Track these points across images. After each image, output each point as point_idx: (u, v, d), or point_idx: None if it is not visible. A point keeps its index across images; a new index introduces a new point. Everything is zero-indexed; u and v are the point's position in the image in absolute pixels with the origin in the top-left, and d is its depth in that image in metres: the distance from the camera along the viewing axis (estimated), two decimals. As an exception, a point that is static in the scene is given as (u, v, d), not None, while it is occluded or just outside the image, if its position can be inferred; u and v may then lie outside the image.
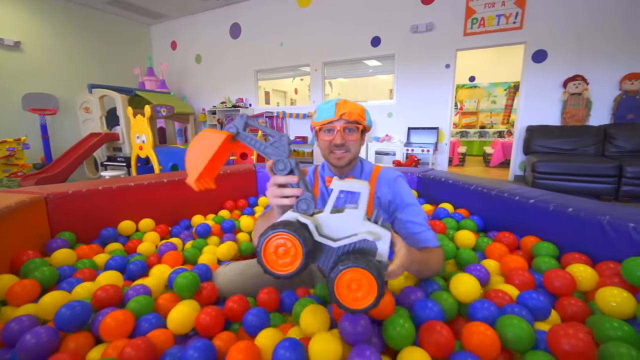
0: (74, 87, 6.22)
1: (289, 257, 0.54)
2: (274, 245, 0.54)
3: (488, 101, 8.06)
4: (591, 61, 3.74)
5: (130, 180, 1.47)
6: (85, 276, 0.98)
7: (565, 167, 3.30)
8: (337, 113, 0.85)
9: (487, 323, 0.66)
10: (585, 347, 0.53)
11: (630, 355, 0.50)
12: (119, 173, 3.70)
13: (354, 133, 0.88)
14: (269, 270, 0.55)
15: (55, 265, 1.02)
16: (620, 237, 0.85)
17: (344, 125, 0.87)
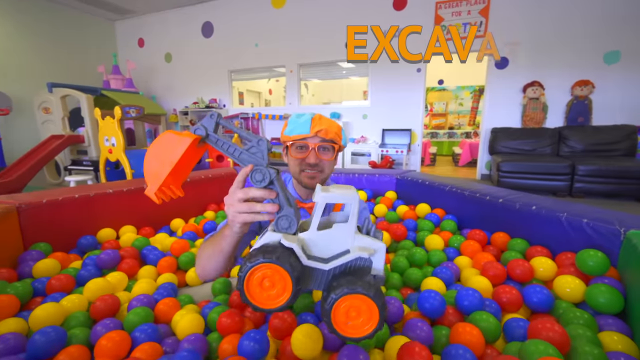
0: (29, 85, 5.77)
1: (275, 289, 0.47)
2: (257, 279, 0.47)
3: (456, 103, 8.48)
4: (546, 69, 4.07)
5: (108, 187, 1.42)
6: (63, 284, 0.95)
7: (526, 167, 3.58)
8: (313, 129, 0.79)
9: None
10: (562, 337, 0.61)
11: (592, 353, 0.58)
12: (86, 178, 3.50)
13: (328, 152, 0.82)
14: (256, 307, 0.48)
15: (37, 277, 0.98)
16: (575, 231, 0.96)
17: (319, 143, 0.80)
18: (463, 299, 0.78)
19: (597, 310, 0.76)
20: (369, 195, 1.80)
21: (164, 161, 0.54)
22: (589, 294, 0.77)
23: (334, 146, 0.83)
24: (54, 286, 0.93)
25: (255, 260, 0.46)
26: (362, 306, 0.46)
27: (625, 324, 0.71)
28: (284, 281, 0.47)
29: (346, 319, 0.46)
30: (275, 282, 0.47)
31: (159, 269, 1.12)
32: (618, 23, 3.70)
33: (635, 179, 3.19)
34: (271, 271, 0.46)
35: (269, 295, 0.47)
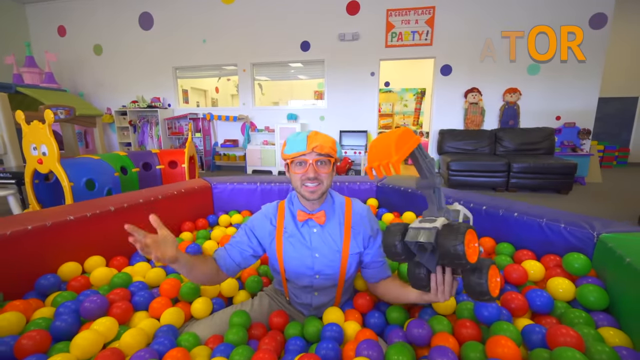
0: None
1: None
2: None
3: (401, 105, 9.03)
4: (483, 77, 4.55)
5: (67, 213, 1.21)
6: (37, 343, 0.78)
7: (471, 165, 3.97)
8: (309, 146, 0.84)
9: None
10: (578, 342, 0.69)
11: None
12: (6, 193, 2.93)
13: (326, 166, 0.88)
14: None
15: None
16: (555, 235, 1.10)
17: (316, 158, 0.85)
18: (483, 309, 0.84)
19: (587, 308, 0.88)
20: (352, 203, 1.83)
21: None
22: (579, 293, 0.89)
23: (330, 159, 0.89)
24: (26, 347, 0.76)
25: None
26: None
27: (612, 317, 0.84)
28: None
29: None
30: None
31: (151, 313, 0.98)
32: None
33: (555, 174, 3.75)
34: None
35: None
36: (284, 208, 0.98)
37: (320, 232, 0.94)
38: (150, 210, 1.50)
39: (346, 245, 0.93)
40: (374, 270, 0.96)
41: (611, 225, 1.03)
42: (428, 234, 0.63)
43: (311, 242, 0.93)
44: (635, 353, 0.69)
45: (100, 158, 3.04)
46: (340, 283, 0.97)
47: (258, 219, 0.99)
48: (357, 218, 0.95)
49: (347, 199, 1.00)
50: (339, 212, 0.96)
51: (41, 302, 1.01)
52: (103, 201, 1.40)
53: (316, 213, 0.92)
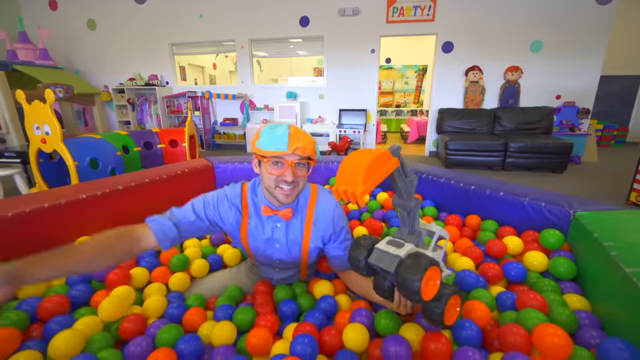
0: None
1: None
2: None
3: (402, 82, 8.90)
4: (484, 55, 4.49)
5: (80, 191, 1.29)
6: (57, 305, 0.88)
7: (469, 145, 4.01)
8: (290, 146, 0.76)
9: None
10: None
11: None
12: (11, 172, 2.99)
13: (304, 168, 0.81)
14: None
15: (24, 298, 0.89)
16: (535, 213, 1.17)
17: (296, 160, 0.78)
18: (462, 279, 0.94)
19: (557, 278, 0.97)
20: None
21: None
22: (551, 265, 0.98)
23: (310, 162, 0.82)
24: (48, 309, 0.86)
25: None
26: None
27: (578, 285, 0.93)
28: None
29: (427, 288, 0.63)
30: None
31: (153, 277, 1.09)
32: (541, 17, 4.20)
33: (551, 153, 3.80)
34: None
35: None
36: (247, 198, 0.92)
37: (283, 227, 0.91)
38: (156, 189, 1.57)
39: (306, 239, 0.92)
40: (338, 261, 0.94)
41: (588, 204, 1.11)
42: (390, 261, 0.63)
43: (273, 235, 0.92)
44: (590, 314, 0.78)
45: (102, 137, 3.08)
46: (302, 268, 1.01)
47: (224, 205, 0.91)
48: (320, 216, 0.91)
49: (313, 190, 0.93)
50: (303, 205, 0.92)
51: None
52: (112, 180, 1.47)
53: (282, 210, 0.88)
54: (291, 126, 0.80)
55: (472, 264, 1.06)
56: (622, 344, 0.62)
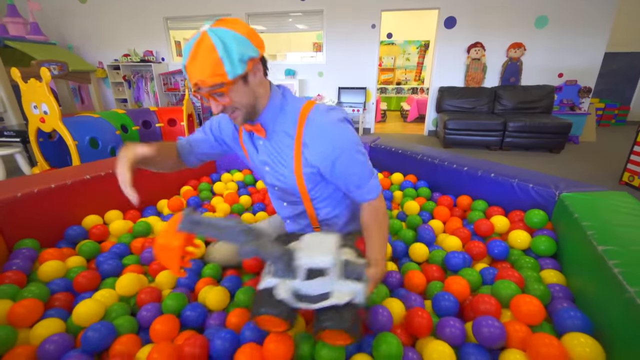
0: None
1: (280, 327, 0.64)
2: (264, 320, 0.63)
3: (403, 58, 8.69)
4: (487, 30, 4.37)
5: (85, 172, 1.33)
6: (89, 280, 0.95)
7: (467, 124, 4.01)
8: (192, 82, 0.65)
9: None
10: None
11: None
12: (12, 152, 3.01)
13: (225, 95, 0.67)
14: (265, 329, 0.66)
15: (45, 279, 0.96)
16: (523, 193, 1.22)
17: (208, 92, 0.66)
18: (451, 258, 1.00)
19: (538, 254, 1.03)
20: (346, 163, 1.94)
21: (169, 261, 0.67)
22: (533, 243, 1.05)
23: (225, 86, 0.65)
24: (82, 284, 0.94)
25: (263, 309, 0.62)
26: (339, 336, 0.62)
27: (557, 262, 1.00)
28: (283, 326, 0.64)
29: (332, 339, 0.63)
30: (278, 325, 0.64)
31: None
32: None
33: (549, 133, 3.81)
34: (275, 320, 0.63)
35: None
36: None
37: (266, 145, 0.82)
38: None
39: (297, 163, 0.79)
40: (347, 192, 0.84)
41: (574, 186, 1.16)
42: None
43: (259, 154, 0.85)
44: (564, 287, 0.85)
45: (101, 116, 3.08)
46: (306, 205, 0.89)
47: (224, 118, 0.88)
48: (312, 144, 0.76)
49: (306, 106, 0.78)
50: (290, 122, 0.78)
51: (72, 249, 1.17)
52: (113, 161, 1.50)
53: (255, 125, 0.78)
54: (191, 49, 0.63)
55: (459, 244, 1.12)
56: (574, 312, 0.69)
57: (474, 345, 0.70)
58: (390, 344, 0.67)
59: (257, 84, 0.71)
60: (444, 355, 0.66)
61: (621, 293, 0.64)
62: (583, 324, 0.68)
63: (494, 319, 0.70)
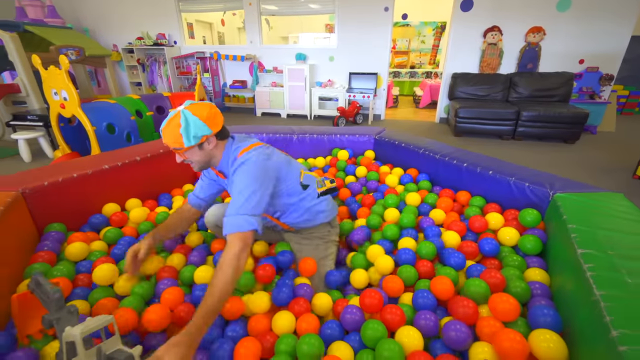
0: None
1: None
2: None
3: (418, 41, 8.42)
4: (506, 13, 4.19)
5: (103, 162, 1.43)
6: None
7: (479, 113, 3.93)
8: (163, 141, 0.95)
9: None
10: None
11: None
12: (36, 135, 3.17)
13: (182, 155, 0.95)
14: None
15: (72, 260, 1.07)
16: (519, 192, 1.26)
17: (172, 149, 0.95)
18: (449, 257, 1.06)
19: (525, 253, 1.08)
20: (350, 154, 1.99)
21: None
22: (520, 242, 1.09)
23: (180, 150, 0.94)
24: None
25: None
26: None
27: (544, 260, 1.05)
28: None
29: None
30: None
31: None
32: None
33: (565, 123, 3.71)
34: None
35: None
36: None
37: (229, 183, 1.05)
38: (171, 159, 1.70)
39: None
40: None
41: (570, 186, 1.18)
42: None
43: (228, 189, 1.10)
44: (543, 285, 0.91)
45: (117, 102, 3.18)
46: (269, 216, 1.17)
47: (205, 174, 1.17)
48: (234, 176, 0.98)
49: (242, 152, 0.99)
50: (233, 169, 1.00)
51: (96, 234, 1.29)
52: (132, 152, 1.60)
53: (219, 172, 1.09)
54: (168, 119, 0.92)
55: (457, 238, 1.18)
56: (547, 310, 0.75)
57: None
58: (375, 330, 0.75)
59: (211, 148, 0.98)
60: (413, 338, 0.74)
61: (589, 295, 0.69)
62: (553, 322, 0.74)
63: (462, 324, 0.76)
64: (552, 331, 0.71)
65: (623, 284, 0.68)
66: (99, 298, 0.92)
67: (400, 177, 1.68)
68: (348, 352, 0.76)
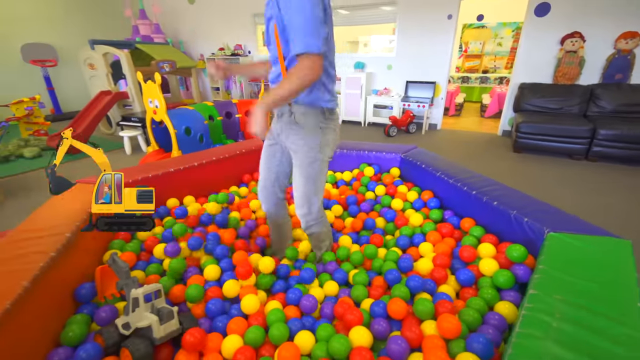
0: (70, 34, 6.10)
1: None
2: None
3: (494, 43, 7.79)
4: (590, 18, 3.72)
5: (169, 166, 1.86)
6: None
7: (545, 129, 3.59)
8: None
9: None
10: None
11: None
12: (136, 133, 4.01)
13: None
14: None
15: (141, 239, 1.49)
16: (518, 225, 1.27)
17: None
18: (408, 281, 1.18)
19: (497, 286, 1.13)
20: (377, 170, 2.13)
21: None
22: (495, 276, 1.14)
23: None
24: (150, 246, 1.44)
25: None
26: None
27: (519, 294, 1.08)
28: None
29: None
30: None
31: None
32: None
33: (657, 145, 3.18)
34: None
35: None
36: None
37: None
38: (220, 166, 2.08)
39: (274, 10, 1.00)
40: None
41: (572, 226, 1.17)
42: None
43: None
44: (501, 318, 0.97)
45: (194, 108, 3.81)
46: (279, 54, 1.06)
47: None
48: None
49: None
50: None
51: (160, 220, 1.71)
52: (191, 159, 2.01)
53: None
54: None
55: (430, 265, 1.28)
56: (482, 338, 0.84)
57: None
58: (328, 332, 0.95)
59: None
60: (363, 337, 0.91)
61: (514, 332, 0.77)
62: (484, 349, 0.83)
63: (403, 339, 0.90)
64: (476, 356, 0.81)
65: (546, 326, 0.75)
66: (152, 272, 1.29)
67: (413, 200, 1.78)
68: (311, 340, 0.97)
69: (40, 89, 5.81)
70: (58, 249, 1.08)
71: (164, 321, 0.95)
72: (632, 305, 0.81)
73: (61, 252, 1.09)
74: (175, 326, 0.97)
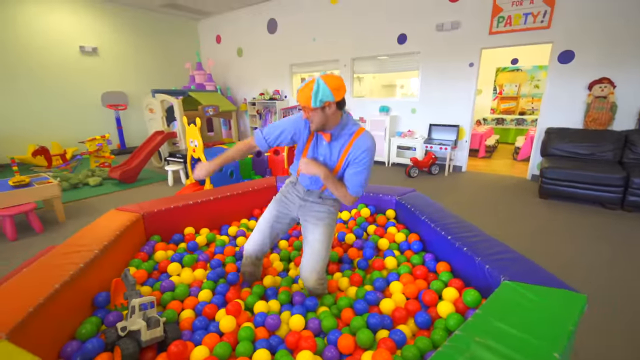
0: (139, 83, 7.30)
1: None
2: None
3: (531, 85, 7.68)
4: (620, 64, 3.64)
5: (190, 199, 2.19)
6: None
7: (573, 175, 3.44)
8: (297, 99, 1.23)
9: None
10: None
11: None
12: (178, 168, 4.59)
13: (310, 111, 1.23)
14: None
15: (156, 259, 1.78)
16: (481, 272, 1.33)
17: (302, 107, 1.24)
18: (371, 318, 1.28)
19: (449, 328, 1.18)
20: (372, 211, 2.26)
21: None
22: (447, 318, 1.20)
23: (307, 107, 1.22)
24: (164, 266, 1.71)
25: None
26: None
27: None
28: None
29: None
30: None
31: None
32: None
33: None
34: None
35: None
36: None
37: (325, 146, 1.35)
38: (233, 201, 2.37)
39: (340, 161, 1.34)
40: (343, 181, 1.37)
41: (526, 275, 1.21)
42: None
43: (318, 149, 1.37)
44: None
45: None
46: (326, 182, 1.35)
47: (300, 123, 1.37)
48: (354, 149, 1.29)
49: (359, 131, 1.31)
50: (345, 138, 1.31)
51: (175, 245, 2.00)
52: (207, 194, 2.34)
53: (327, 133, 1.32)
54: (305, 83, 1.21)
55: (392, 305, 1.36)
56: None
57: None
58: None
59: (330, 113, 1.24)
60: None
61: (424, 364, 0.86)
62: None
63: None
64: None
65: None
66: (156, 289, 1.54)
67: (400, 242, 1.87)
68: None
69: (111, 128, 6.92)
70: (86, 262, 1.38)
71: (151, 327, 1.16)
72: (549, 356, 0.85)
73: (88, 264, 1.39)
74: (160, 333, 1.18)
